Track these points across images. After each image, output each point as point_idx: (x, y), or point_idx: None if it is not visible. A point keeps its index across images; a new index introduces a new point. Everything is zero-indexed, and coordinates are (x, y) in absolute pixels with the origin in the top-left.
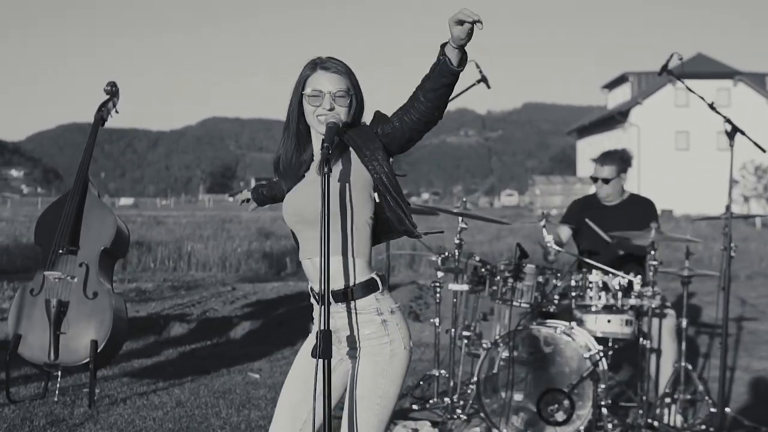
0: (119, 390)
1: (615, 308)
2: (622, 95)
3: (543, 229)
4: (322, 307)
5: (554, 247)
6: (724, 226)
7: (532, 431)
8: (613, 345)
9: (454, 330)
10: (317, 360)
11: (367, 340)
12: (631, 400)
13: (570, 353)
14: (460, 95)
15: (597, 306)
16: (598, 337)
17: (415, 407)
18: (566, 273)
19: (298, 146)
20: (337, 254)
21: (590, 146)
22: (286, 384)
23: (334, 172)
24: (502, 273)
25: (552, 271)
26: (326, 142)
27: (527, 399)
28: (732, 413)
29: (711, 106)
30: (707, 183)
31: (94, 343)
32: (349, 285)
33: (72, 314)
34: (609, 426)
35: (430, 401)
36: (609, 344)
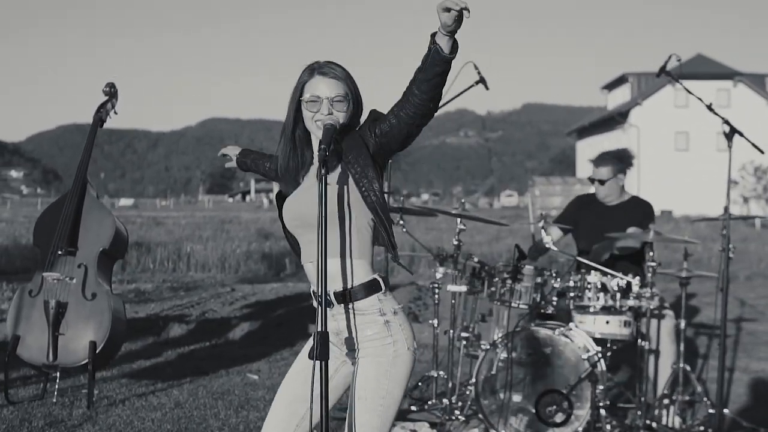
0: (118, 391)
1: (613, 309)
2: (622, 96)
3: (542, 230)
4: (320, 309)
5: (552, 248)
6: (723, 228)
7: None
8: (612, 346)
9: (453, 331)
10: (314, 361)
11: (370, 341)
12: (630, 401)
13: (568, 354)
14: (459, 96)
15: (595, 307)
16: (597, 338)
17: (414, 408)
18: (565, 274)
19: (295, 151)
20: (339, 256)
21: (590, 147)
22: (285, 380)
23: (333, 175)
24: (501, 274)
25: (550, 272)
26: (323, 144)
27: (526, 400)
28: (730, 414)
29: (709, 108)
30: (707, 184)
31: (93, 344)
32: (351, 286)
33: (71, 315)
34: (607, 427)
35: (429, 402)
36: (607, 345)
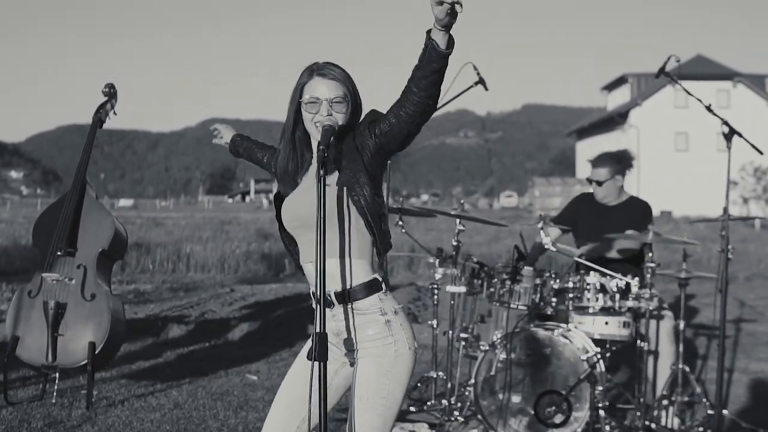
0: (117, 392)
1: (612, 310)
2: (622, 97)
3: (540, 231)
4: (318, 310)
5: (551, 249)
6: (722, 229)
7: None
8: (611, 347)
9: (452, 332)
10: (312, 363)
11: (371, 341)
12: (629, 402)
13: (567, 355)
14: (458, 97)
15: (594, 308)
16: (596, 339)
17: (413, 409)
18: (564, 275)
19: (294, 153)
20: (339, 256)
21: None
22: (285, 382)
23: (332, 176)
24: (500, 275)
25: (550, 273)
26: (322, 144)
27: (525, 401)
28: (730, 415)
29: (708, 108)
30: (706, 184)
31: (92, 345)
32: (351, 286)
33: (70, 316)
34: (606, 428)
35: (428, 403)
36: (606, 346)
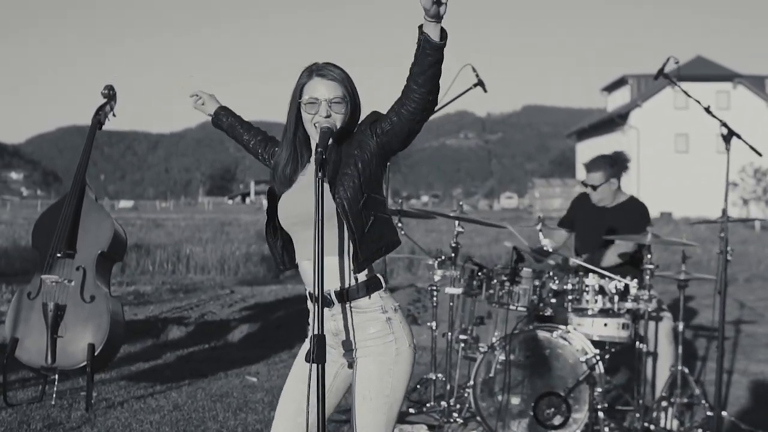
0: (116, 393)
1: (611, 312)
2: (622, 98)
3: (539, 233)
4: (316, 311)
5: (550, 250)
6: (721, 230)
7: None
8: (610, 348)
9: (451, 333)
10: (310, 364)
11: (372, 340)
12: (628, 404)
13: (567, 357)
14: (457, 99)
15: (593, 309)
16: (595, 341)
17: (412, 411)
18: (563, 276)
19: (295, 154)
20: (338, 255)
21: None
22: (287, 391)
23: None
24: (499, 276)
25: (549, 275)
26: (320, 147)
27: (524, 402)
28: (729, 417)
29: (707, 110)
30: (706, 185)
31: (91, 347)
32: (352, 284)
33: (69, 318)
34: (605, 429)
35: (427, 405)
36: (605, 348)
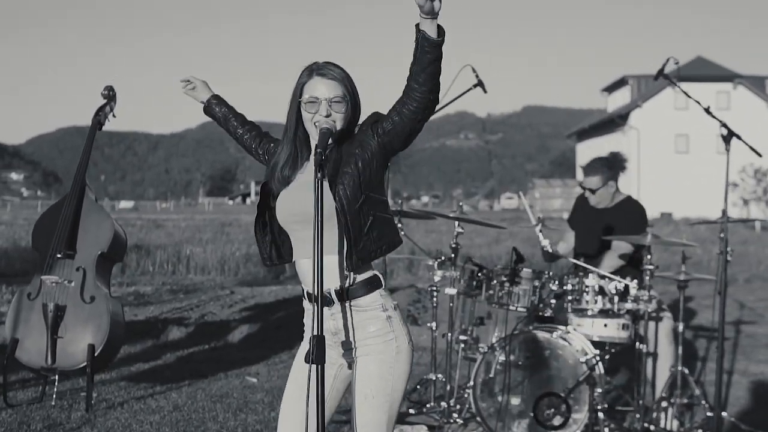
0: (116, 394)
1: (611, 312)
2: (622, 98)
3: (539, 233)
4: (315, 311)
5: (549, 250)
6: (720, 231)
7: None
8: (610, 349)
9: (451, 334)
10: (310, 365)
11: (373, 338)
12: (628, 404)
13: (566, 357)
14: (457, 99)
15: (593, 310)
16: (595, 341)
17: (412, 411)
18: (563, 277)
19: (295, 152)
20: (338, 254)
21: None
22: (289, 397)
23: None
24: (499, 277)
25: (548, 275)
26: (319, 148)
27: (524, 403)
28: (729, 417)
29: (707, 111)
30: (707, 186)
31: (91, 348)
32: (352, 282)
33: (69, 318)
34: (605, 430)
35: (427, 405)
36: (605, 348)
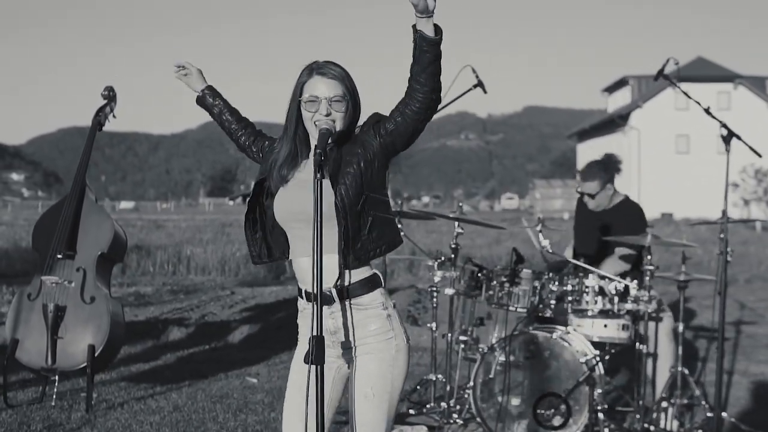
0: (116, 394)
1: (611, 313)
2: (623, 99)
3: (539, 234)
4: (314, 312)
5: (548, 250)
6: (720, 231)
7: None
8: (610, 349)
9: (451, 334)
10: (309, 366)
11: (373, 336)
12: (628, 405)
13: (566, 358)
14: (457, 100)
15: (593, 310)
16: (595, 342)
17: (412, 412)
18: (563, 277)
19: (294, 151)
20: (338, 253)
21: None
22: (292, 402)
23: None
24: (499, 278)
25: (548, 276)
26: (318, 148)
27: (524, 404)
28: (729, 418)
29: (707, 111)
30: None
31: (92, 348)
32: (353, 281)
33: (69, 319)
34: (605, 431)
35: (427, 406)
36: (605, 348)
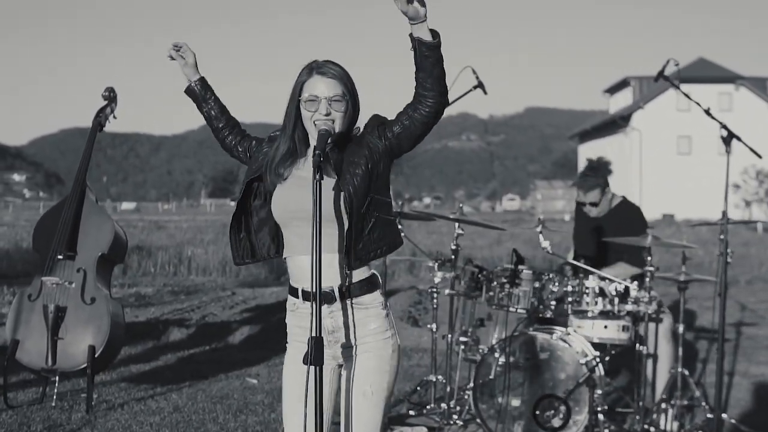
0: (117, 395)
1: (612, 314)
2: (624, 99)
3: (540, 235)
4: (314, 312)
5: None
6: (720, 232)
7: None
8: (610, 350)
9: (451, 335)
10: (308, 366)
11: (372, 335)
12: (628, 406)
13: (567, 359)
14: (457, 101)
15: (594, 311)
16: (595, 343)
17: (412, 413)
18: (563, 278)
19: (294, 149)
20: (339, 251)
21: (592, 150)
22: (292, 407)
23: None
24: (499, 278)
25: (549, 277)
26: (317, 149)
27: (524, 405)
28: (729, 419)
29: (707, 112)
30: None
31: (92, 349)
32: (354, 280)
33: (69, 320)
34: None
35: (427, 407)
36: (606, 350)
